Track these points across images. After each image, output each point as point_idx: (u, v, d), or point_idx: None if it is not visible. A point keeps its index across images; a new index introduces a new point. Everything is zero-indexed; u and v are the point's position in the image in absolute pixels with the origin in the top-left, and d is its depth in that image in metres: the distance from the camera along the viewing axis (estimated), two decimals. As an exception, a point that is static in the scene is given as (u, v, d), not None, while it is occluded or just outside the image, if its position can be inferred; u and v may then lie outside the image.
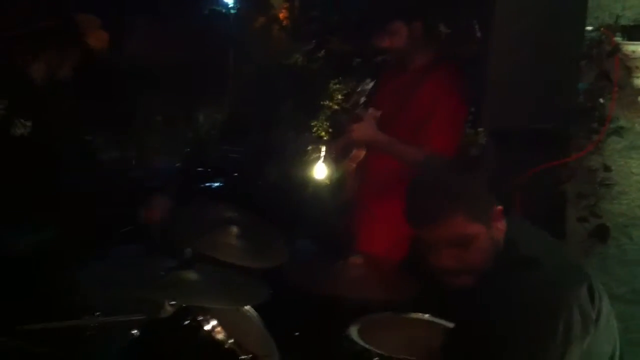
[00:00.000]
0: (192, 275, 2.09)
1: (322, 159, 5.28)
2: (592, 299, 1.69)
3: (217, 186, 4.53)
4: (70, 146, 2.75)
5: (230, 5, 5.44)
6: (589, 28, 2.59)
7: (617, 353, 1.79)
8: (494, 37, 2.39)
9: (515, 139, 2.63)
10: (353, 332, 2.30)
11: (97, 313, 2.07)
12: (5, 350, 1.98)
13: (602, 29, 2.60)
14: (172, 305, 2.09)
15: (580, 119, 2.68)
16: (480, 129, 3.88)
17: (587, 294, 1.69)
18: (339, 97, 5.33)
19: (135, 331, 2.17)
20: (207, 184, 4.52)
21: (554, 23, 2.45)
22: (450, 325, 2.26)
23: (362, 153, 2.97)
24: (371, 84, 2.86)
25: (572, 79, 2.56)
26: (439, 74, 2.88)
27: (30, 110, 2.52)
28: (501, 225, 1.79)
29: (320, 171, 5.11)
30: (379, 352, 2.17)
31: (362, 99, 2.83)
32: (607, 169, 2.69)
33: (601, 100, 2.64)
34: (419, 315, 2.53)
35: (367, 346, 2.20)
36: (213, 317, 2.15)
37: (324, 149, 5.33)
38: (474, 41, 3.49)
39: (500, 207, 1.78)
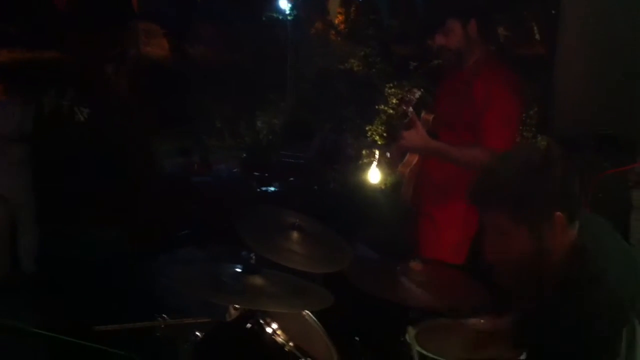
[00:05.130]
0: (257, 280, 2.12)
1: (375, 163, 5.29)
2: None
3: (274, 190, 4.57)
4: (136, 149, 2.83)
5: (287, 12, 5.50)
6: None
7: None
8: (560, 42, 2.36)
9: (581, 144, 2.58)
10: (411, 337, 2.30)
11: (164, 315, 2.12)
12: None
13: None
14: (236, 308, 2.13)
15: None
16: (539, 136, 3.85)
17: None
18: (394, 101, 5.33)
19: (199, 333, 2.22)
20: (264, 188, 4.56)
21: (620, 28, 2.41)
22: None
23: (415, 159, 2.98)
24: (418, 94, 2.87)
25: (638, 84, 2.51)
26: (492, 71, 2.86)
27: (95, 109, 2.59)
28: (561, 232, 1.70)
29: (374, 175, 5.12)
30: (436, 358, 2.16)
31: (410, 109, 2.83)
32: (672, 175, 2.63)
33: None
34: (477, 320, 2.51)
35: (424, 352, 2.19)
36: (274, 320, 2.19)
37: (377, 153, 5.35)
38: (533, 42, 3.46)
39: (561, 214, 1.69)
